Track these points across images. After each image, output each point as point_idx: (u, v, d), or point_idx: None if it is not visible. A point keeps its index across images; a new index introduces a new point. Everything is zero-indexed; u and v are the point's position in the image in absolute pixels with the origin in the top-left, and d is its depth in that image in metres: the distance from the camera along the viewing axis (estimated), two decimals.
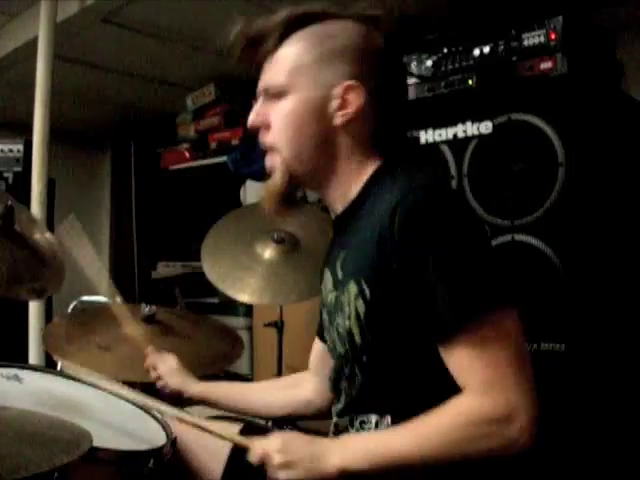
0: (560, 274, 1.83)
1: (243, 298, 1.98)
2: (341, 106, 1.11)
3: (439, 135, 2.10)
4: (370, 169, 1.14)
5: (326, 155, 1.14)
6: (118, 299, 1.61)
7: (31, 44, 2.62)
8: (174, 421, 1.21)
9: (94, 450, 0.93)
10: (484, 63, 2.04)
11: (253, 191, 3.28)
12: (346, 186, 1.15)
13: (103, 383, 1.30)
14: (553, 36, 1.92)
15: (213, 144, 3.64)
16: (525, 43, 1.97)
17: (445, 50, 2.13)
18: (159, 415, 1.28)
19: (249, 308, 3.15)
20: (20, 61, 3.00)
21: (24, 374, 1.35)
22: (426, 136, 2.12)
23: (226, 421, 1.41)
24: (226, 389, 1.50)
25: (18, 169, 3.05)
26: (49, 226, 2.49)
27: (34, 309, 2.46)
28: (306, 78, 1.12)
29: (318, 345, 1.39)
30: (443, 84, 2.12)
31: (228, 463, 1.22)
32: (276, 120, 1.14)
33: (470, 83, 2.07)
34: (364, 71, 1.11)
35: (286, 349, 2.27)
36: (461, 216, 1.04)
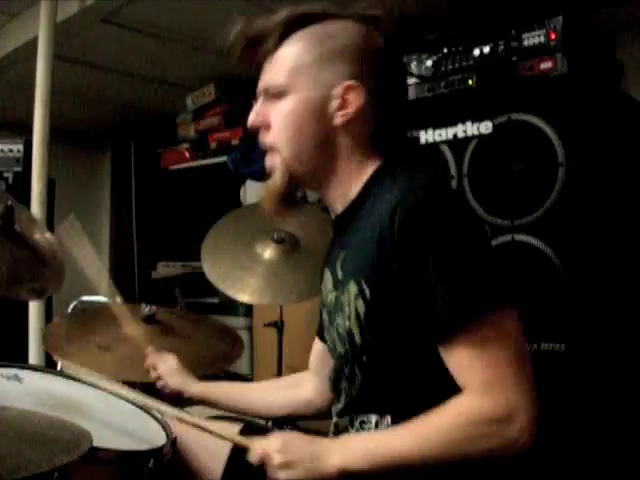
0: (560, 274, 1.83)
1: (243, 298, 1.98)
2: (341, 106, 1.11)
3: (439, 135, 2.10)
4: (370, 169, 1.14)
5: (326, 155, 1.14)
6: (118, 299, 1.61)
7: (31, 44, 2.62)
8: (174, 421, 1.21)
9: (94, 450, 0.93)
10: (484, 63, 2.04)
11: (253, 191, 3.28)
12: (346, 186, 1.15)
13: (103, 383, 1.30)
14: (553, 36, 1.92)
15: (213, 144, 3.64)
16: (525, 43, 1.97)
17: (445, 50, 2.13)
18: (159, 415, 1.28)
19: (249, 308, 3.15)
20: (20, 61, 3.00)
21: (24, 374, 1.35)
22: (426, 136, 2.12)
23: (226, 421, 1.41)
24: (226, 389, 1.50)
25: (18, 169, 3.04)
26: (49, 226, 2.49)
27: (34, 309, 2.46)
28: (306, 78, 1.12)
29: (318, 345, 1.39)
30: (443, 84, 2.12)
31: (228, 463, 1.22)
32: (276, 120, 1.14)
33: (470, 83, 2.07)
34: (364, 71, 1.11)
35: (286, 349, 2.27)
36: (461, 216, 1.04)
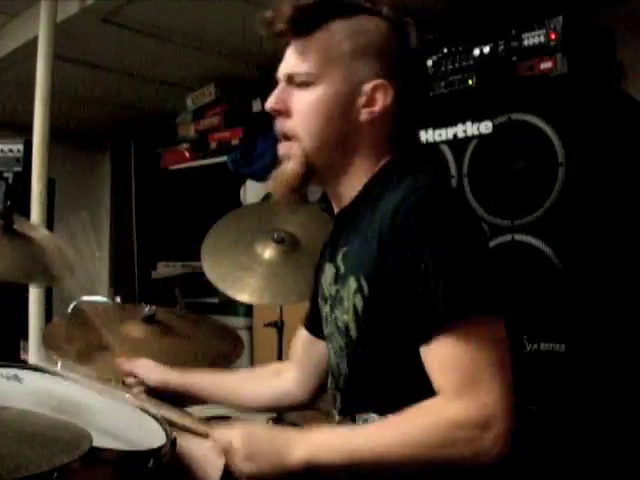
0: (560, 274, 1.83)
1: (243, 298, 1.98)
2: (368, 103, 1.10)
3: (439, 135, 2.11)
4: (378, 167, 1.14)
5: (344, 150, 1.13)
6: (117, 299, 1.61)
7: (31, 44, 2.62)
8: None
9: (94, 450, 0.93)
10: (484, 63, 2.04)
11: (253, 191, 3.28)
12: (355, 181, 1.14)
13: (102, 383, 1.30)
14: (553, 36, 1.92)
15: (213, 144, 3.64)
16: (525, 43, 1.97)
17: (445, 50, 2.13)
18: (158, 415, 1.27)
19: (249, 308, 3.15)
20: (20, 61, 3.00)
21: (24, 374, 1.34)
22: (426, 136, 2.12)
23: (226, 421, 1.40)
24: (211, 381, 1.44)
25: (18, 169, 3.04)
26: (49, 226, 2.49)
27: (34, 309, 2.46)
28: (338, 70, 1.10)
29: (303, 335, 1.36)
30: (443, 84, 2.12)
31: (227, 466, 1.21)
32: (300, 108, 1.12)
33: (470, 83, 2.07)
34: (393, 71, 1.11)
35: (286, 349, 2.26)
36: (461, 217, 1.04)
